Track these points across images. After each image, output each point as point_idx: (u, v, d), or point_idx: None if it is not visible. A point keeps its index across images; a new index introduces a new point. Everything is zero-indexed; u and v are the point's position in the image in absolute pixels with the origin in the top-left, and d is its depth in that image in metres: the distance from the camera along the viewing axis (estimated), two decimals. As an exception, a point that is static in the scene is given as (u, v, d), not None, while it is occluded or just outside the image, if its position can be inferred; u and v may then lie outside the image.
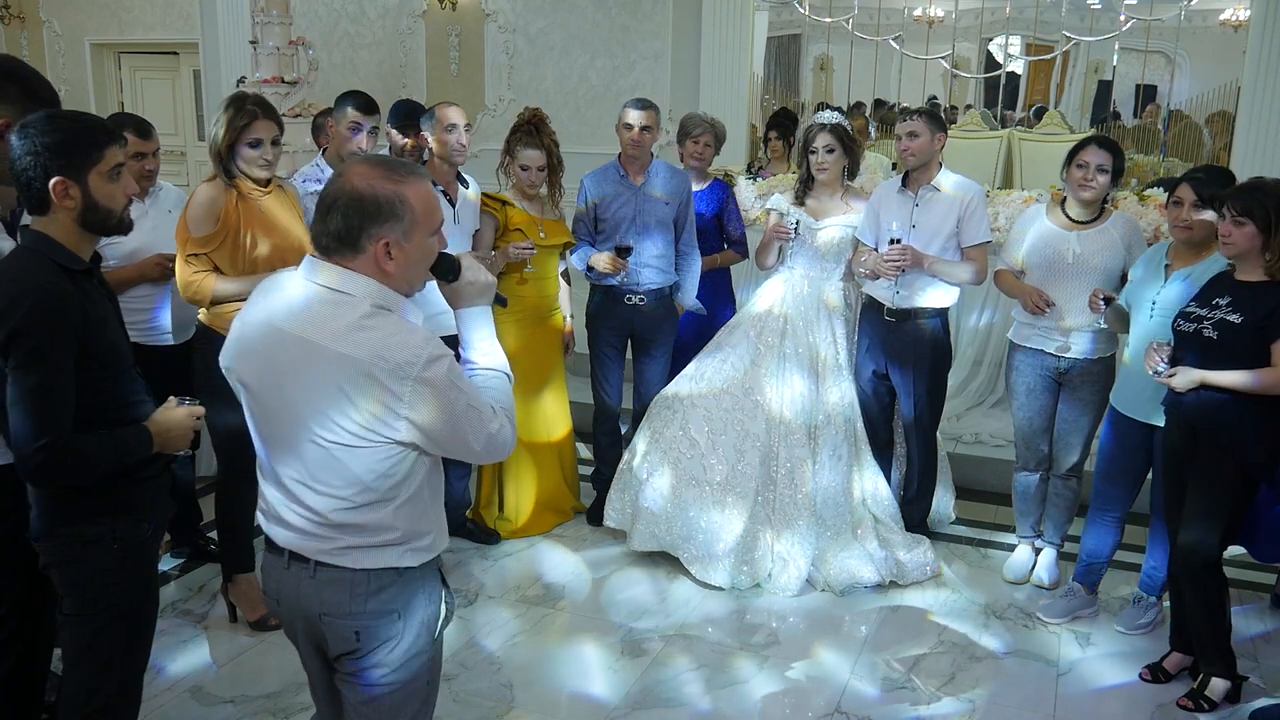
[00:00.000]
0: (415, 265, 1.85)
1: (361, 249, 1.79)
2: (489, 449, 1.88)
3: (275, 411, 1.84)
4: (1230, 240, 2.97)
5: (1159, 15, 6.68)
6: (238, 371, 1.91)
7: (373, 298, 1.80)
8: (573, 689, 3.26)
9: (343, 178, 1.81)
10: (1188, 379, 3.02)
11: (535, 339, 4.22)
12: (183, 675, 3.23)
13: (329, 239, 1.80)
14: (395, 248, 1.79)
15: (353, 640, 1.90)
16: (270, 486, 1.93)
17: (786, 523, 3.91)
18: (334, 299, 1.79)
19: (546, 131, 4.10)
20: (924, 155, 3.87)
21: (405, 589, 1.91)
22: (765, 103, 7.63)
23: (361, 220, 1.77)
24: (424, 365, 1.75)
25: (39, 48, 9.30)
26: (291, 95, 7.05)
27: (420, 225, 1.82)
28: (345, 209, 1.78)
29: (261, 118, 3.25)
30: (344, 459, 1.80)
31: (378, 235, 1.78)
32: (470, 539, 4.23)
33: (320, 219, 1.81)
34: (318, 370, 1.76)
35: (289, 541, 1.91)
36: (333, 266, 1.81)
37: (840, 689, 3.28)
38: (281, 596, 1.97)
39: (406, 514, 1.88)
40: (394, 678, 1.93)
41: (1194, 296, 3.15)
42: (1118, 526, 3.65)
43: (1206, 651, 3.17)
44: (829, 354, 4.09)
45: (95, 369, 2.14)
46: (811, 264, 4.15)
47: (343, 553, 1.87)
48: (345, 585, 1.88)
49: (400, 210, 1.78)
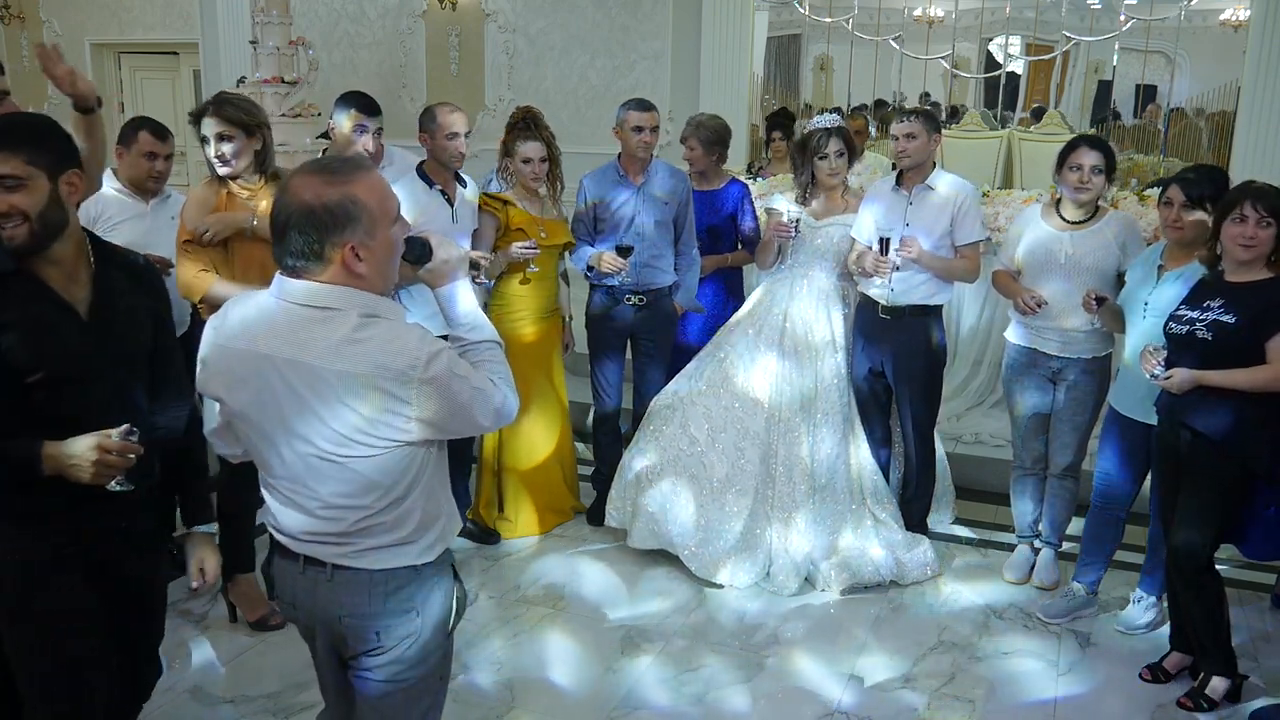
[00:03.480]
0: (386, 260, 1.81)
1: (328, 260, 1.75)
2: (496, 420, 1.89)
3: (279, 438, 1.81)
4: (1255, 242, 2.95)
5: (1159, 15, 6.67)
6: (229, 407, 1.87)
7: (358, 307, 1.76)
8: (572, 689, 3.26)
9: (287, 194, 1.75)
10: (1184, 380, 3.02)
11: (536, 338, 4.22)
12: (182, 675, 3.24)
13: (292, 258, 1.76)
14: (361, 249, 1.75)
15: (374, 640, 1.91)
16: (283, 507, 1.90)
17: (786, 519, 3.91)
18: (319, 317, 1.75)
19: (542, 125, 4.10)
20: (920, 156, 3.89)
21: (422, 586, 1.92)
22: (765, 103, 7.62)
23: (319, 233, 1.73)
24: (425, 366, 1.74)
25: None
26: (291, 95, 7.06)
27: (380, 220, 1.77)
28: (300, 226, 1.73)
29: (210, 114, 3.26)
30: (359, 469, 1.79)
31: (340, 242, 1.73)
32: (470, 539, 4.23)
33: (278, 240, 1.76)
34: (319, 391, 1.74)
35: (304, 548, 1.90)
36: (307, 284, 1.77)
37: (840, 689, 3.28)
38: (298, 601, 1.96)
39: (421, 504, 1.88)
40: (410, 674, 1.94)
41: (1184, 299, 3.15)
42: (1118, 526, 3.65)
43: (1206, 651, 3.17)
44: (828, 352, 4.09)
45: (6, 378, 2.03)
46: (811, 263, 4.15)
47: (359, 555, 1.87)
48: (364, 587, 1.88)
49: (355, 211, 1.73)
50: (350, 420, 1.74)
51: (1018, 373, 3.87)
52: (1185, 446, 3.11)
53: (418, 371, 1.73)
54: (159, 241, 3.69)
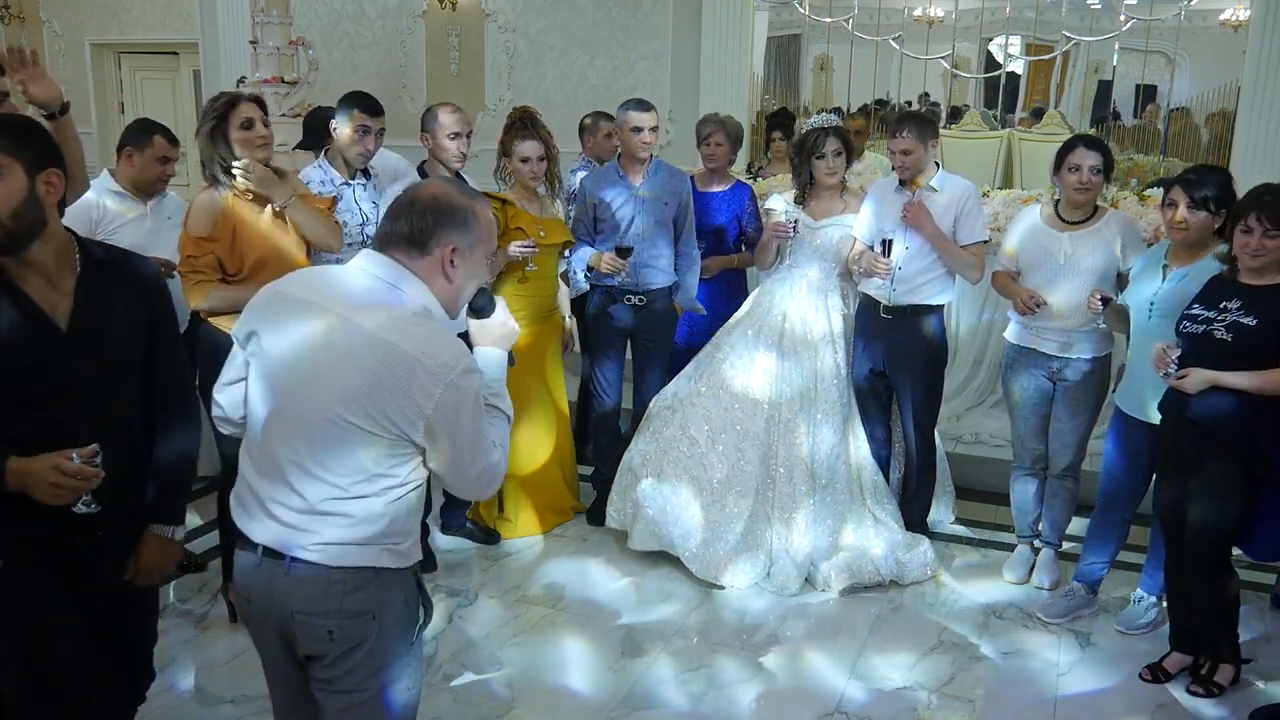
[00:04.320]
0: (470, 279, 1.93)
1: (429, 250, 1.87)
2: (480, 480, 1.92)
3: (296, 385, 1.84)
4: (1263, 252, 2.95)
5: (1159, 15, 6.67)
6: (263, 338, 1.88)
7: (422, 302, 1.86)
8: (572, 689, 3.26)
9: (420, 187, 1.93)
10: (1199, 380, 3.01)
11: (535, 339, 4.22)
12: (183, 675, 3.24)
13: (398, 238, 1.87)
14: (459, 256, 1.88)
15: (326, 640, 1.88)
16: (256, 475, 1.90)
17: (787, 520, 3.91)
18: (388, 291, 1.85)
19: (540, 124, 4.11)
20: (919, 165, 3.90)
21: (381, 590, 1.90)
22: (765, 103, 7.62)
23: (436, 221, 1.86)
24: (462, 372, 1.80)
25: (39, 48, 9.29)
26: (291, 95, 7.05)
27: (483, 242, 1.92)
28: (423, 210, 1.86)
29: (245, 100, 3.27)
30: (354, 443, 1.80)
31: (446, 240, 1.86)
32: (470, 539, 4.24)
33: (391, 219, 1.89)
34: (359, 352, 1.79)
35: (265, 537, 1.88)
36: (394, 263, 1.87)
37: (840, 689, 3.28)
38: (252, 594, 1.94)
39: (392, 513, 1.88)
40: (371, 683, 1.91)
41: (1196, 297, 3.13)
42: (1121, 527, 3.65)
43: (1219, 641, 3.19)
44: (827, 353, 4.09)
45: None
46: (810, 263, 4.16)
47: (321, 548, 1.85)
48: (320, 583, 1.86)
49: (471, 222, 1.89)
50: (373, 390, 1.77)
51: (1018, 373, 3.87)
52: (1189, 441, 3.10)
53: (453, 373, 1.78)
54: (161, 242, 3.72)
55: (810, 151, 4.06)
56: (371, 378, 1.77)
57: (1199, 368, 3.01)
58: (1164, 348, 3.09)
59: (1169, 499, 3.24)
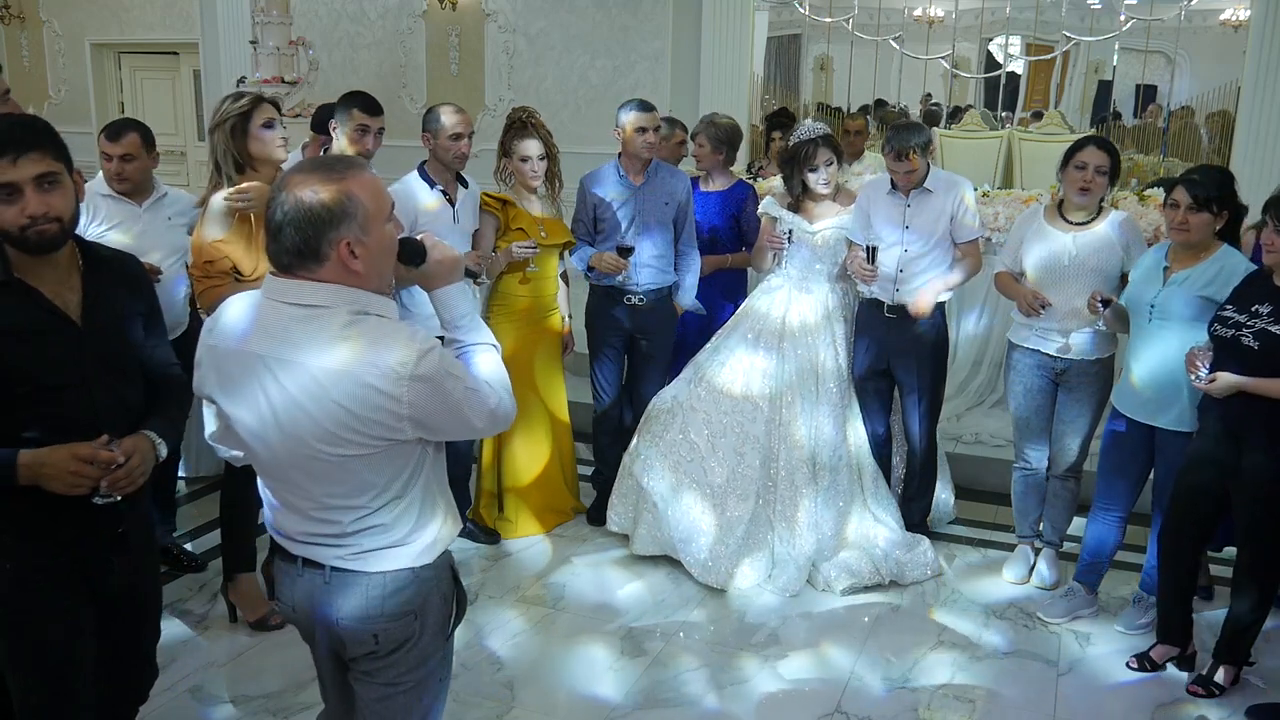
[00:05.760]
0: (381, 257, 1.80)
1: (324, 257, 1.74)
2: (491, 424, 1.89)
3: (271, 442, 1.80)
4: (1276, 249, 2.96)
5: (1159, 15, 6.67)
6: (221, 403, 1.86)
7: (347, 304, 1.76)
8: (573, 689, 3.26)
9: (283, 192, 1.75)
10: (1226, 385, 3.01)
11: (534, 339, 4.22)
12: (183, 675, 3.24)
13: (288, 256, 1.76)
14: (357, 245, 1.75)
15: (371, 643, 1.90)
16: (284, 511, 1.90)
17: (788, 521, 3.91)
18: (307, 315, 1.75)
19: (539, 123, 4.11)
20: (921, 176, 3.91)
21: (421, 588, 1.91)
22: (765, 103, 7.62)
23: (316, 229, 1.72)
24: (416, 362, 1.73)
25: (39, 48, 9.30)
26: (291, 95, 7.05)
27: (374, 216, 1.77)
28: (297, 223, 1.72)
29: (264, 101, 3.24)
30: (353, 468, 1.79)
31: (336, 239, 1.73)
32: (470, 539, 4.23)
33: (273, 238, 1.76)
34: (309, 390, 1.73)
35: (302, 550, 1.90)
36: (298, 282, 1.77)
37: (840, 689, 3.28)
38: (296, 603, 1.96)
39: (419, 504, 1.88)
40: (409, 677, 1.94)
41: (1230, 298, 3.12)
42: (1120, 526, 3.65)
43: (1234, 648, 3.20)
44: (828, 355, 4.09)
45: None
46: (808, 265, 4.15)
47: (357, 557, 1.86)
48: (361, 589, 1.87)
49: (351, 207, 1.73)
50: (341, 419, 1.73)
51: (1020, 374, 3.86)
52: (1234, 455, 3.08)
53: (408, 369, 1.72)
54: (155, 244, 3.66)
55: (802, 163, 4.05)
56: (335, 409, 1.73)
57: (1227, 372, 3.01)
58: (1197, 349, 3.08)
59: (1189, 482, 3.21)
